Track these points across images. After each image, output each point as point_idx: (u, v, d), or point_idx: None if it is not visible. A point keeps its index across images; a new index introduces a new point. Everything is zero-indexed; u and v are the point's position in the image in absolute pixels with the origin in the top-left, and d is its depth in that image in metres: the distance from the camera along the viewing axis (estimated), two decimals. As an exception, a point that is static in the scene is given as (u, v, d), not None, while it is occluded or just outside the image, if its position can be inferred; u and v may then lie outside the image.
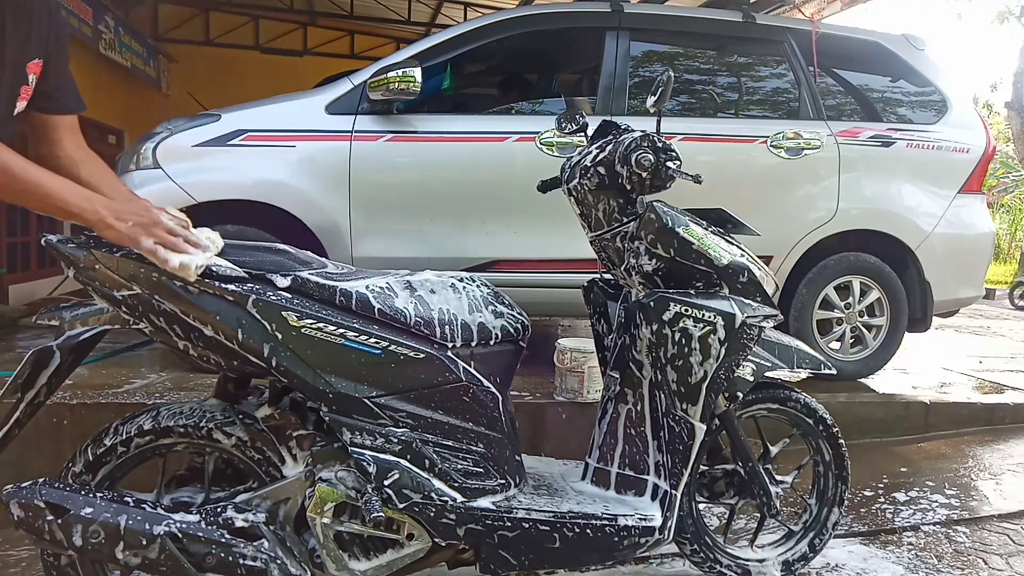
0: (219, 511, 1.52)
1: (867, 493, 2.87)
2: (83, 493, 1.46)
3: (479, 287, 1.75)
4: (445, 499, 1.58)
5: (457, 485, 1.60)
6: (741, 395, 1.91)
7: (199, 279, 1.42)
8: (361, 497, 1.51)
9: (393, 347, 1.54)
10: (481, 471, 1.64)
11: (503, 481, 1.67)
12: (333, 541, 1.55)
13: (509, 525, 1.63)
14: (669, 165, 1.76)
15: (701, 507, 2.03)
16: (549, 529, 1.66)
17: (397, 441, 1.55)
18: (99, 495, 1.47)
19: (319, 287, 1.52)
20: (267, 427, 1.59)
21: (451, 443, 1.61)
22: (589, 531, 1.69)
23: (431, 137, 3.26)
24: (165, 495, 1.59)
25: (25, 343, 3.95)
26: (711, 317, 1.72)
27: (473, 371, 1.63)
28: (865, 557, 2.36)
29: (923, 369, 4.37)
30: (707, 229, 1.82)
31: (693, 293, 1.76)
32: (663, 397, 1.77)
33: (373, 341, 1.52)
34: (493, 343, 1.67)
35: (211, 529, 1.49)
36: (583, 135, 2.13)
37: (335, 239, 3.19)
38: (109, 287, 1.43)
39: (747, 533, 2.29)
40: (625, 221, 1.84)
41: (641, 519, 1.74)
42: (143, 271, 1.41)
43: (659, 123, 1.87)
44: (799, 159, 3.54)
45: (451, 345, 1.61)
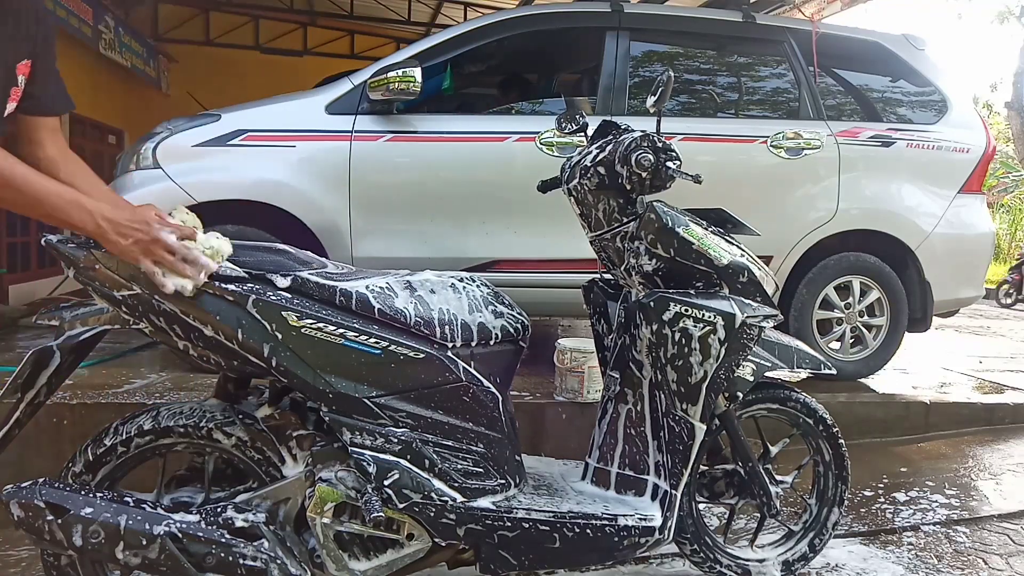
0: (219, 511, 1.52)
1: (867, 493, 2.87)
2: (83, 493, 1.46)
3: (479, 287, 1.75)
4: (445, 499, 1.58)
5: (457, 485, 1.60)
6: (741, 395, 1.91)
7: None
8: (361, 497, 1.52)
9: (393, 347, 1.54)
10: (481, 471, 1.64)
11: (503, 481, 1.67)
12: (333, 541, 1.55)
13: (509, 525, 1.63)
14: (669, 165, 1.76)
15: (701, 507, 2.03)
16: (549, 529, 1.66)
17: (397, 441, 1.55)
18: (99, 495, 1.47)
19: (319, 287, 1.52)
20: (267, 427, 1.59)
21: (451, 443, 1.61)
22: (589, 531, 1.69)
23: (431, 137, 3.26)
24: (165, 495, 1.59)
25: (25, 343, 3.94)
26: (711, 317, 1.72)
27: (473, 371, 1.63)
28: (865, 557, 2.36)
29: (923, 369, 4.37)
30: (707, 229, 1.82)
31: (693, 293, 1.76)
32: (663, 397, 1.77)
33: (373, 341, 1.52)
34: (493, 343, 1.67)
35: (211, 529, 1.49)
36: (583, 135, 2.13)
37: (335, 239, 3.19)
38: (109, 287, 1.43)
39: (747, 533, 2.29)
40: (625, 221, 1.84)
41: (641, 519, 1.74)
42: (143, 271, 1.42)
43: (659, 123, 1.87)
44: (799, 159, 3.54)
45: (451, 345, 1.61)
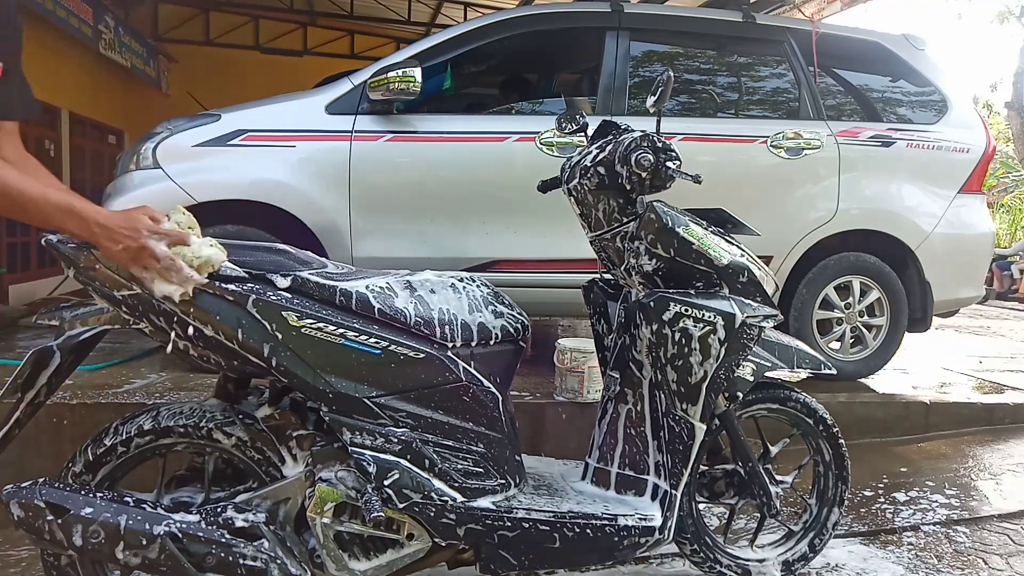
0: (219, 511, 1.52)
1: (867, 493, 2.87)
2: (83, 493, 1.46)
3: (479, 287, 1.75)
4: (445, 499, 1.58)
5: (457, 485, 1.60)
6: (741, 395, 1.91)
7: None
8: (361, 497, 1.52)
9: (393, 347, 1.54)
10: (481, 471, 1.64)
11: (503, 481, 1.67)
12: (333, 541, 1.55)
13: (509, 525, 1.63)
14: (669, 165, 1.76)
15: (701, 507, 2.03)
16: (549, 529, 1.66)
17: (397, 441, 1.55)
18: (99, 495, 1.47)
19: (319, 287, 1.52)
20: (267, 427, 1.59)
21: (451, 443, 1.61)
22: (589, 531, 1.69)
23: (431, 137, 3.26)
24: (165, 495, 1.59)
25: (25, 343, 3.94)
26: (711, 317, 1.72)
27: (473, 371, 1.63)
28: (865, 557, 2.36)
29: (923, 369, 4.37)
30: (707, 229, 1.82)
31: (693, 293, 1.76)
32: (663, 397, 1.77)
33: (373, 341, 1.52)
34: (493, 343, 1.67)
35: (211, 529, 1.49)
36: (583, 135, 2.13)
37: (335, 239, 3.19)
38: (109, 287, 1.43)
39: (747, 533, 2.29)
40: (625, 221, 1.84)
41: (641, 519, 1.73)
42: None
43: (659, 123, 1.87)
44: (799, 159, 3.54)
45: (451, 345, 1.61)
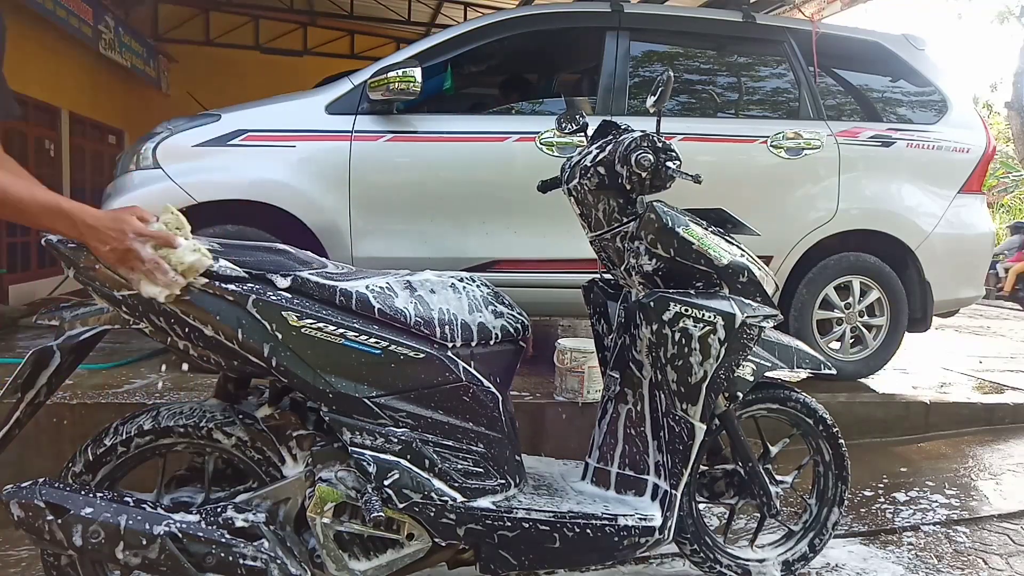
0: (219, 511, 1.52)
1: (867, 493, 2.87)
2: (83, 493, 1.46)
3: (479, 287, 1.75)
4: (445, 499, 1.58)
5: (457, 485, 1.60)
6: (741, 395, 1.91)
7: (200, 279, 1.42)
8: (361, 497, 1.51)
9: (393, 347, 1.54)
10: (481, 471, 1.64)
11: (503, 481, 1.67)
12: (333, 541, 1.55)
13: (509, 525, 1.63)
14: (669, 165, 1.76)
15: (701, 507, 2.03)
16: (549, 529, 1.66)
17: (397, 441, 1.55)
18: (99, 495, 1.47)
19: (319, 287, 1.52)
20: (267, 427, 1.59)
21: (451, 443, 1.61)
22: (589, 531, 1.69)
23: (431, 137, 3.26)
24: (165, 495, 1.59)
25: (25, 343, 3.94)
26: (711, 317, 1.72)
27: (473, 371, 1.63)
28: (865, 557, 2.36)
29: (923, 369, 4.37)
30: (707, 229, 1.82)
31: (693, 293, 1.76)
32: (663, 397, 1.77)
33: (373, 341, 1.52)
34: (493, 343, 1.67)
35: (211, 529, 1.49)
36: (583, 135, 2.13)
37: (335, 239, 3.19)
38: (109, 287, 1.43)
39: (747, 533, 2.29)
40: (625, 221, 1.84)
41: (641, 519, 1.73)
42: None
43: (659, 123, 1.87)
44: (799, 159, 3.54)
45: (451, 345, 1.61)
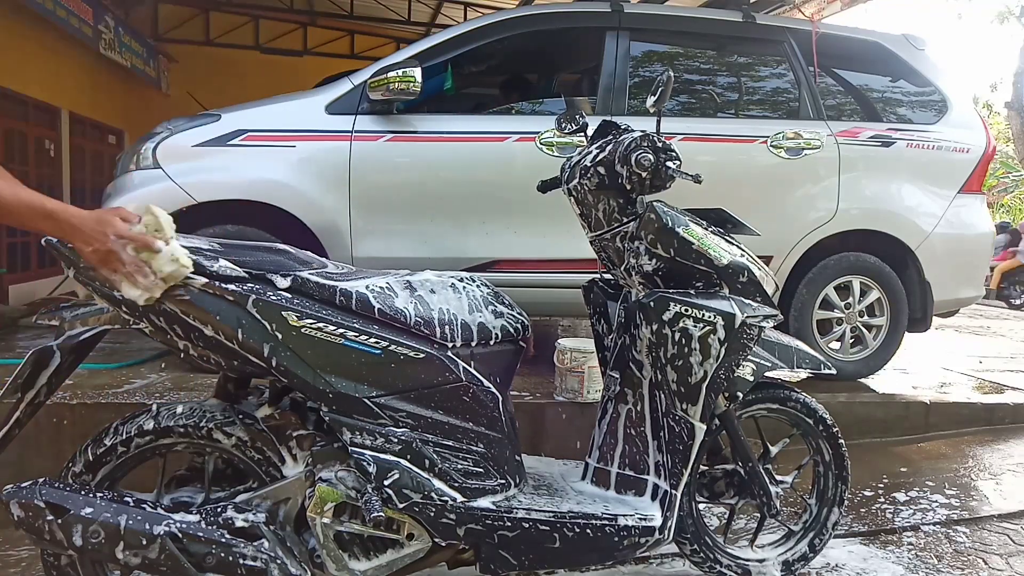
0: (219, 511, 1.52)
1: (867, 493, 2.87)
2: (83, 493, 1.46)
3: (479, 287, 1.75)
4: (445, 499, 1.58)
5: (457, 485, 1.60)
6: (741, 395, 1.91)
7: (200, 279, 1.42)
8: (361, 497, 1.52)
9: (393, 347, 1.54)
10: (481, 471, 1.64)
11: (503, 481, 1.67)
12: (333, 541, 1.55)
13: (509, 525, 1.63)
14: (669, 165, 1.76)
15: (701, 507, 2.03)
16: (549, 529, 1.66)
17: (397, 441, 1.55)
18: (99, 495, 1.47)
19: (319, 287, 1.52)
20: (267, 427, 1.59)
21: (451, 443, 1.61)
22: (589, 531, 1.69)
23: (431, 137, 3.26)
24: (165, 495, 1.59)
25: (25, 343, 3.94)
26: (711, 317, 1.72)
27: (473, 371, 1.63)
28: (865, 557, 2.36)
29: (923, 369, 4.37)
30: (707, 229, 1.82)
31: (693, 293, 1.76)
32: (663, 397, 1.77)
33: (373, 341, 1.52)
34: (493, 343, 1.67)
35: (211, 529, 1.49)
36: (583, 135, 2.13)
37: (335, 239, 3.19)
38: (109, 287, 1.42)
39: (747, 533, 2.29)
40: (625, 221, 1.84)
41: (641, 519, 1.73)
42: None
43: (659, 123, 1.87)
44: (799, 159, 3.54)
45: (451, 345, 1.61)
